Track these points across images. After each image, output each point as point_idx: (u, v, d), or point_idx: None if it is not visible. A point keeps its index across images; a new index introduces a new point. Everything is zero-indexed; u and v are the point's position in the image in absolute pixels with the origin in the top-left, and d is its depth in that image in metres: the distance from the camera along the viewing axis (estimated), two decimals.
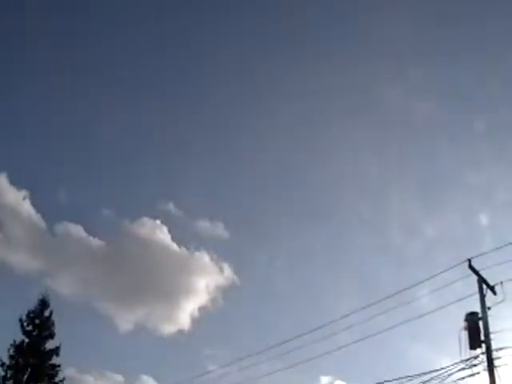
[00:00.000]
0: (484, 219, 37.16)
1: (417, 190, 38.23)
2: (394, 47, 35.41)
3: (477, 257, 16.30)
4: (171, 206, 38.11)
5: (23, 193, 36.12)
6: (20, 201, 36.58)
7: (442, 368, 15.83)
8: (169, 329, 38.43)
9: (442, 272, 16.45)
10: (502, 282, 16.00)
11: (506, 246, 15.54)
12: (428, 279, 16.89)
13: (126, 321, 39.47)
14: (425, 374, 16.02)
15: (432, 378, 15.90)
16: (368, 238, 39.14)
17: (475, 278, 16.22)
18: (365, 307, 17.50)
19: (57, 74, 37.93)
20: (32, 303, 30.53)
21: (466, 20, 33.26)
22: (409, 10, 34.16)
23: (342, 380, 33.18)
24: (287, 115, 38.90)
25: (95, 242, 37.57)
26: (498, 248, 15.79)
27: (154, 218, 38.74)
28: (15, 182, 36.29)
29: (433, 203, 38.53)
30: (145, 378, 35.14)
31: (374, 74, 35.27)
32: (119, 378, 35.64)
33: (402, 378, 16.24)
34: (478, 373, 15.50)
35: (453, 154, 36.92)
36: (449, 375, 15.70)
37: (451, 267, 16.43)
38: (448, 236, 37.35)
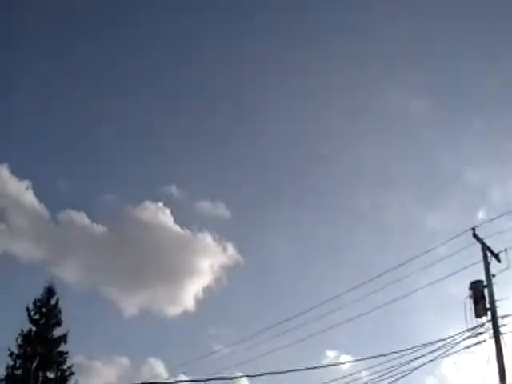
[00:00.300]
0: (481, 216, 37.72)
1: (417, 189, 38.27)
2: (394, 47, 35.17)
3: (480, 225, 16.30)
4: (173, 189, 38.16)
5: (25, 183, 36.13)
6: (22, 191, 36.66)
7: (449, 337, 15.83)
8: (174, 310, 38.68)
9: (448, 241, 16.42)
10: (506, 250, 15.98)
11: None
12: (433, 249, 16.85)
13: (130, 305, 39.74)
14: (431, 343, 16.00)
15: (439, 348, 15.89)
16: (368, 233, 39.02)
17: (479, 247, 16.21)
18: (371, 279, 17.46)
19: (54, 62, 37.68)
20: (38, 292, 30.65)
21: (466, 20, 32.93)
22: (409, 9, 33.84)
23: (348, 354, 33.23)
24: (287, 114, 38.79)
25: (98, 228, 37.71)
26: (501, 215, 15.77)
27: (156, 201, 38.66)
28: (17, 172, 36.24)
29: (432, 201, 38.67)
30: (152, 360, 35.40)
31: (374, 73, 35.02)
32: (125, 361, 35.76)
33: (409, 348, 16.21)
34: (485, 341, 15.51)
35: (452, 153, 36.89)
36: (456, 344, 15.71)
37: (456, 236, 16.38)
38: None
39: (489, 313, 15.62)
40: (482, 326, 15.59)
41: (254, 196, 40.01)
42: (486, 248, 16.18)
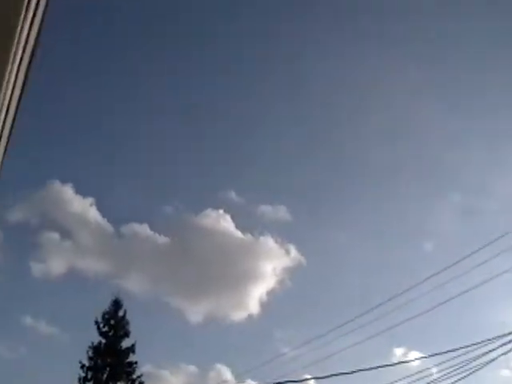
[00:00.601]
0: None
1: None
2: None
3: None
4: (233, 195, 38.16)
5: (89, 200, 36.90)
6: (87, 208, 37.39)
7: None
8: (238, 316, 38.49)
9: None
10: None
11: None
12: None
13: (196, 312, 39.91)
14: (505, 335, 15.41)
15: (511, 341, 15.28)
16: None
17: None
18: (441, 271, 17.01)
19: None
20: (105, 305, 31.25)
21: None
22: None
23: (417, 351, 32.40)
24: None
25: (161, 238, 38.07)
26: None
27: (217, 207, 38.75)
28: (80, 191, 37.06)
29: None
30: (218, 366, 35.43)
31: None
32: (193, 368, 35.99)
33: (479, 342, 15.67)
34: None
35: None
36: None
37: None
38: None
39: None
40: None
41: (314, 196, 39.64)
42: None
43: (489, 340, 15.58)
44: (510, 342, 15.34)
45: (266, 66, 37.24)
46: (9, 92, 3.49)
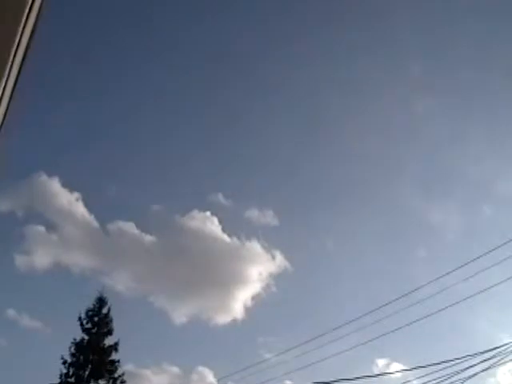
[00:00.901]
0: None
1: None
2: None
3: None
4: (220, 197, 38.12)
5: (75, 195, 36.71)
6: (73, 203, 37.21)
7: (504, 345, 15.33)
8: (223, 319, 38.54)
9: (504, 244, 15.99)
10: None
11: None
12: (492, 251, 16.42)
13: (180, 313, 39.90)
14: (486, 351, 15.52)
15: (493, 356, 15.39)
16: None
17: None
18: (420, 287, 17.11)
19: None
20: (89, 301, 31.17)
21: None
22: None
23: (399, 362, 32.52)
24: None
25: (147, 237, 37.95)
26: None
27: (204, 210, 38.75)
28: (67, 184, 36.85)
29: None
30: (201, 369, 35.40)
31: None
32: (175, 369, 35.91)
33: (464, 356, 15.78)
34: None
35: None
36: (510, 352, 15.18)
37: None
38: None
39: None
40: None
41: (302, 201, 39.65)
42: None
43: (469, 356, 15.70)
44: (491, 357, 15.46)
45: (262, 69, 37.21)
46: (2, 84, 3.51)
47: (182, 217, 39.73)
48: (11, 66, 3.41)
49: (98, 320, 30.97)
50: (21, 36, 3.34)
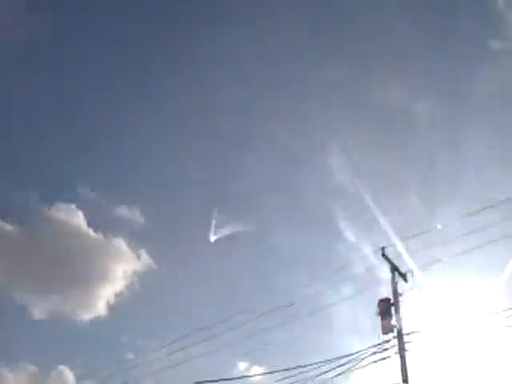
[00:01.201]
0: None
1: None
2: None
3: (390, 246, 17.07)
4: (87, 191, 37.15)
5: None
6: None
7: (356, 352, 16.49)
8: (86, 316, 37.50)
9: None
10: (412, 271, 16.84)
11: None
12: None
13: (40, 309, 38.26)
14: (340, 358, 16.61)
15: (347, 362, 16.52)
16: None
17: None
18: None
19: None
20: None
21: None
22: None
23: (260, 365, 33.57)
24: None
25: (7, 227, 36.10)
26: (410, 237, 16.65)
27: (70, 202, 37.60)
28: None
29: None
30: (61, 367, 34.32)
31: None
32: (33, 368, 34.58)
33: (322, 361, 16.78)
34: (389, 357, 16.27)
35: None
36: (362, 359, 16.37)
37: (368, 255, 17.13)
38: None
39: (395, 329, 16.38)
40: (387, 342, 16.35)
41: (169, 202, 39.49)
42: (394, 268, 17.02)
43: (321, 362, 16.79)
44: (343, 364, 16.61)
45: None
46: None
47: (46, 207, 38.24)
48: None
49: None
50: None
